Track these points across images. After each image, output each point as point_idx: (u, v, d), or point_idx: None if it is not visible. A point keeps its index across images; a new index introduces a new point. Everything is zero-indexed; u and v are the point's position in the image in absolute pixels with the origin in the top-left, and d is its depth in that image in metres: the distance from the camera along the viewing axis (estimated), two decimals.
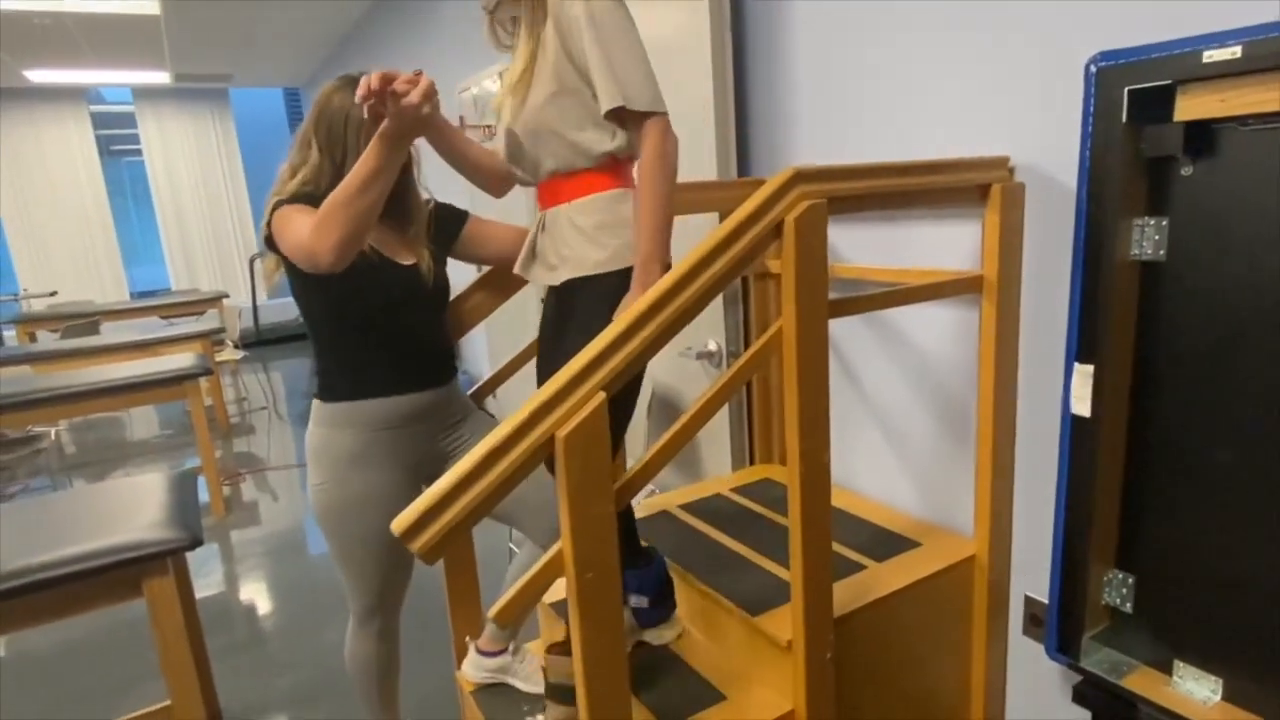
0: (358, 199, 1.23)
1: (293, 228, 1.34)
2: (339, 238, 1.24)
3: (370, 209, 1.24)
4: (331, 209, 1.23)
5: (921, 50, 1.54)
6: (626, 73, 1.22)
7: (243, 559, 3.38)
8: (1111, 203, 1.18)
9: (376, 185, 1.23)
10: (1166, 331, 1.19)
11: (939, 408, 1.66)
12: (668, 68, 2.03)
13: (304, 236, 1.28)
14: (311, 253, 1.27)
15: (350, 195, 1.23)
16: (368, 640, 1.65)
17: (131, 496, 1.93)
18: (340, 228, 1.23)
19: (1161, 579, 1.25)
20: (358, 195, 1.23)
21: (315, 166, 1.45)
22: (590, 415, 1.00)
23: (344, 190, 1.23)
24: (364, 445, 1.52)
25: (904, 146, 1.62)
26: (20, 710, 2.38)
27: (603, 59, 1.22)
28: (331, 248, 1.24)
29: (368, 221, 1.25)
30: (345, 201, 1.23)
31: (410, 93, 1.16)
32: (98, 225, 8.16)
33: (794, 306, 1.12)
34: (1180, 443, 1.20)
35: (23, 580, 1.55)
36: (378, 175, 1.23)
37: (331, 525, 1.55)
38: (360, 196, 1.23)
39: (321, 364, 1.54)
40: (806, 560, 1.21)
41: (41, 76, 6.50)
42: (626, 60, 1.22)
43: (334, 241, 1.24)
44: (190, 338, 4.79)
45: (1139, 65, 1.12)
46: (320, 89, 1.47)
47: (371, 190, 1.23)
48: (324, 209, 1.25)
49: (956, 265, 1.56)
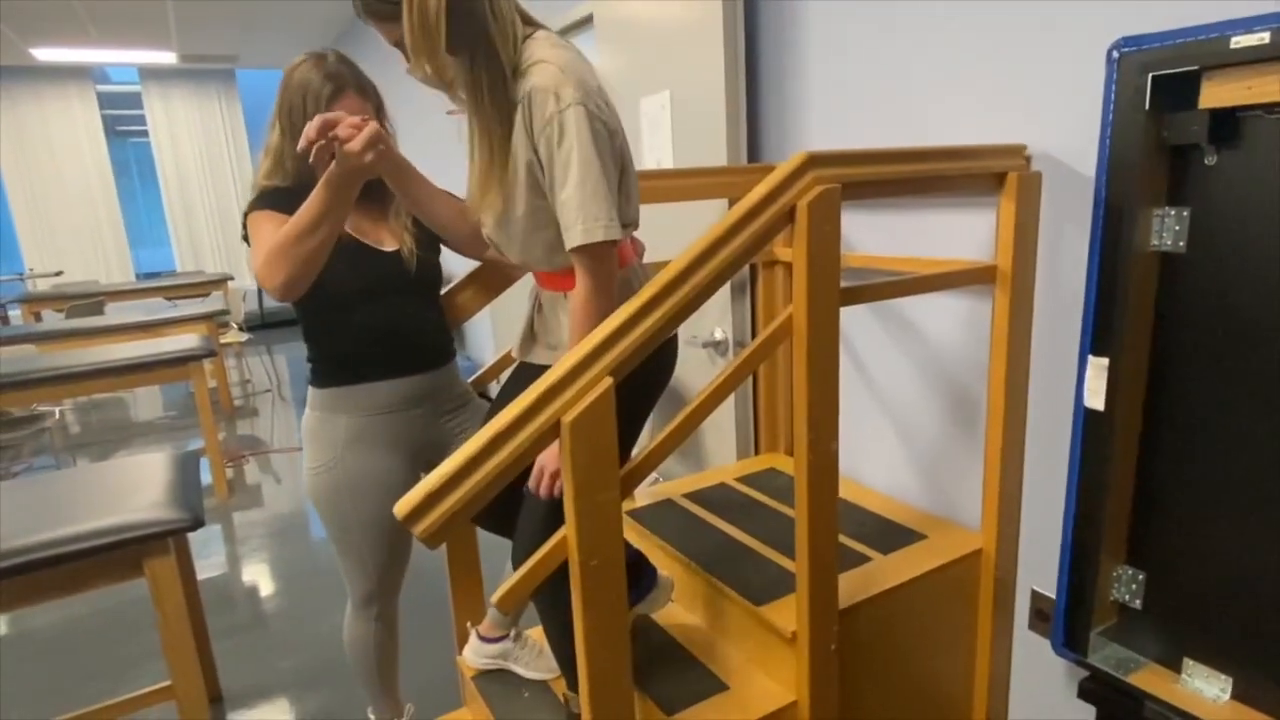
0: (305, 240, 1.26)
1: (256, 244, 1.36)
2: (284, 279, 1.28)
3: (317, 251, 1.27)
4: (280, 248, 1.26)
5: (937, 35, 1.51)
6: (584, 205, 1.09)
7: (245, 540, 3.39)
8: (1131, 192, 1.16)
9: (322, 229, 1.25)
10: (1185, 325, 1.17)
11: (948, 399, 1.64)
12: (679, 51, 2.01)
13: (257, 265, 1.30)
14: (263, 286, 1.31)
15: (297, 236, 1.25)
16: (366, 624, 1.64)
17: (134, 476, 1.92)
18: (286, 269, 1.27)
19: (1172, 576, 1.23)
20: (306, 236, 1.25)
21: (277, 150, 1.44)
22: (596, 400, 0.98)
23: (291, 230, 1.26)
24: (359, 429, 1.51)
25: (918, 133, 1.60)
26: (23, 687, 2.38)
27: (563, 184, 1.10)
28: (277, 287, 1.29)
29: (315, 263, 1.29)
30: (292, 243, 1.26)
31: (353, 139, 1.15)
32: (103, 206, 8.15)
33: (805, 293, 1.11)
34: (1195, 439, 1.18)
35: (25, 558, 1.55)
36: (322, 219, 1.25)
37: (328, 509, 1.54)
38: (307, 238, 1.25)
39: (311, 350, 1.53)
40: (812, 551, 1.20)
41: (48, 55, 6.47)
42: (584, 188, 1.09)
43: (280, 282, 1.28)
44: (195, 319, 4.78)
45: (1163, 51, 1.09)
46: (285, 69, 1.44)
47: (318, 233, 1.26)
48: (271, 246, 1.28)
49: (970, 255, 1.54)
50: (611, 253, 1.14)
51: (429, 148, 4.65)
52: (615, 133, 1.15)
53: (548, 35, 1.17)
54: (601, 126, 1.10)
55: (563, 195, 1.10)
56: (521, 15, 1.17)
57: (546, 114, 1.08)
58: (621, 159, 1.18)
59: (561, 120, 1.07)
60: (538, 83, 1.09)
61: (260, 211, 1.40)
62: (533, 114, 1.10)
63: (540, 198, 1.16)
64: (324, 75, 1.40)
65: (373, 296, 1.47)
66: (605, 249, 1.12)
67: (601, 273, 1.13)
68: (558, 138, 1.08)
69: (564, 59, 1.11)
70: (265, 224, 1.37)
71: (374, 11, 1.12)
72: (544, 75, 1.09)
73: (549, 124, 1.08)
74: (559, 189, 1.10)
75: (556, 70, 1.09)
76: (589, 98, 1.09)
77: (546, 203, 1.15)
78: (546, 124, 1.08)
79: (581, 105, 1.08)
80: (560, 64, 1.10)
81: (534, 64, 1.11)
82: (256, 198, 1.44)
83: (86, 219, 8.09)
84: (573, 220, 1.09)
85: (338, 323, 1.47)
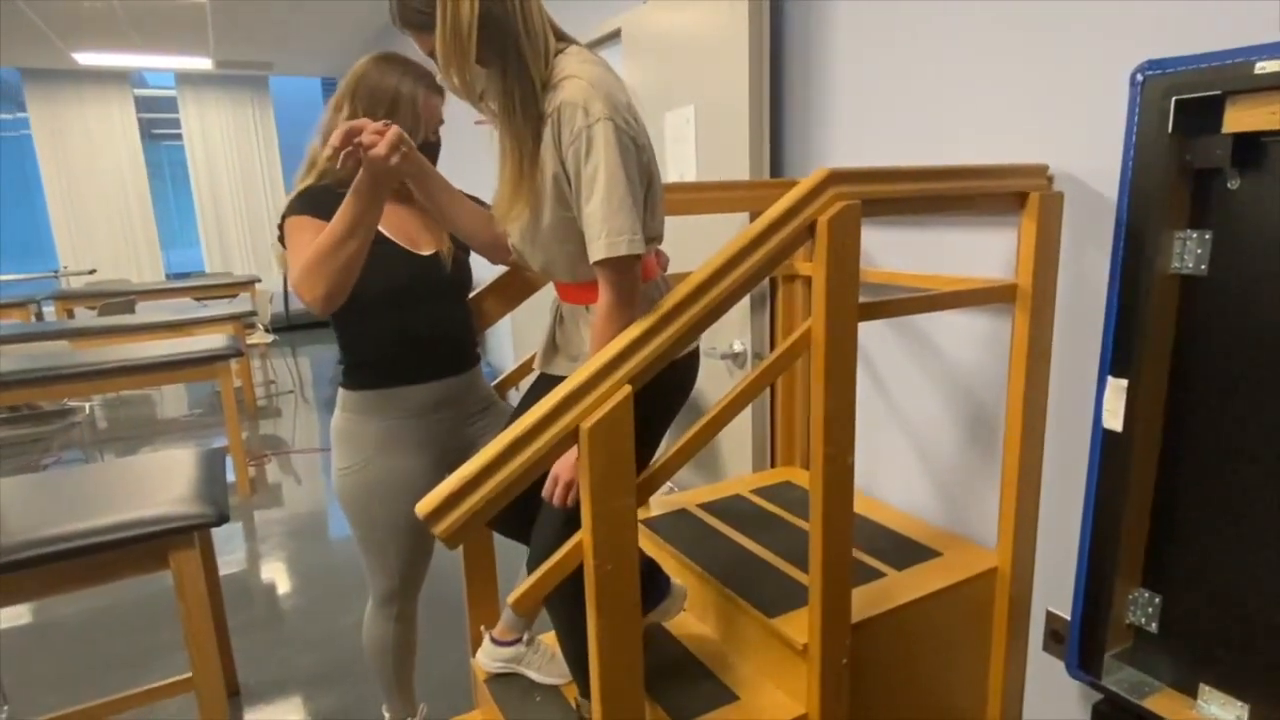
0: (339, 251, 1.29)
1: (293, 252, 1.38)
2: (324, 292, 1.30)
3: (353, 260, 1.30)
4: (316, 262, 1.29)
5: (962, 55, 1.52)
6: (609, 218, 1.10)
7: (265, 539, 3.44)
8: (1153, 214, 1.16)
9: (356, 237, 1.29)
10: (1205, 348, 1.17)
11: (966, 416, 1.64)
12: (705, 66, 2.04)
13: (293, 278, 1.33)
14: (301, 299, 1.33)
15: (332, 248, 1.28)
16: (386, 622, 1.67)
17: (161, 471, 1.97)
18: (325, 282, 1.30)
19: (1190, 600, 1.23)
20: (339, 247, 1.28)
21: None
22: (615, 408, 1.00)
23: (326, 242, 1.28)
24: (390, 432, 1.53)
25: (940, 151, 1.60)
26: (53, 672, 2.43)
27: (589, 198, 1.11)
28: (317, 299, 1.31)
29: (352, 273, 1.32)
30: (328, 255, 1.28)
31: (377, 144, 1.19)
32: (137, 207, 8.32)
33: (824, 308, 1.12)
34: (1214, 462, 1.17)
35: (55, 548, 1.59)
36: (356, 228, 1.28)
37: (356, 510, 1.56)
38: (341, 249, 1.28)
39: (345, 353, 1.55)
40: (825, 564, 1.20)
41: (89, 59, 6.64)
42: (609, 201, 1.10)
43: (319, 294, 1.31)
44: (222, 320, 4.87)
45: (1187, 75, 1.10)
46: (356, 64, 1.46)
47: (351, 242, 1.29)
48: (307, 259, 1.30)
49: (990, 273, 1.54)
50: (635, 266, 1.15)
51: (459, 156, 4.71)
52: (643, 148, 1.17)
53: (579, 50, 1.19)
54: (629, 141, 1.12)
55: (588, 208, 1.12)
56: (554, 30, 1.19)
57: (575, 128, 1.10)
58: (649, 174, 1.19)
59: (590, 134, 1.09)
60: (567, 97, 1.11)
61: (300, 217, 1.41)
62: (561, 128, 1.12)
63: (566, 210, 1.18)
64: (418, 73, 1.45)
65: (409, 300, 1.50)
66: (629, 262, 1.13)
67: (625, 286, 1.14)
68: (585, 151, 1.10)
69: (594, 74, 1.13)
70: (305, 232, 1.38)
71: (410, 21, 1.15)
72: (573, 90, 1.11)
73: (577, 138, 1.10)
74: (585, 202, 1.12)
75: (586, 85, 1.11)
76: (617, 113, 1.11)
77: (572, 215, 1.17)
78: (575, 138, 1.10)
79: (610, 120, 1.10)
80: (590, 79, 1.12)
81: (564, 78, 1.13)
82: (298, 198, 1.44)
83: (120, 219, 8.27)
84: (597, 233, 1.11)
85: (374, 326, 1.49)
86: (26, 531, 1.60)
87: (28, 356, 3.72)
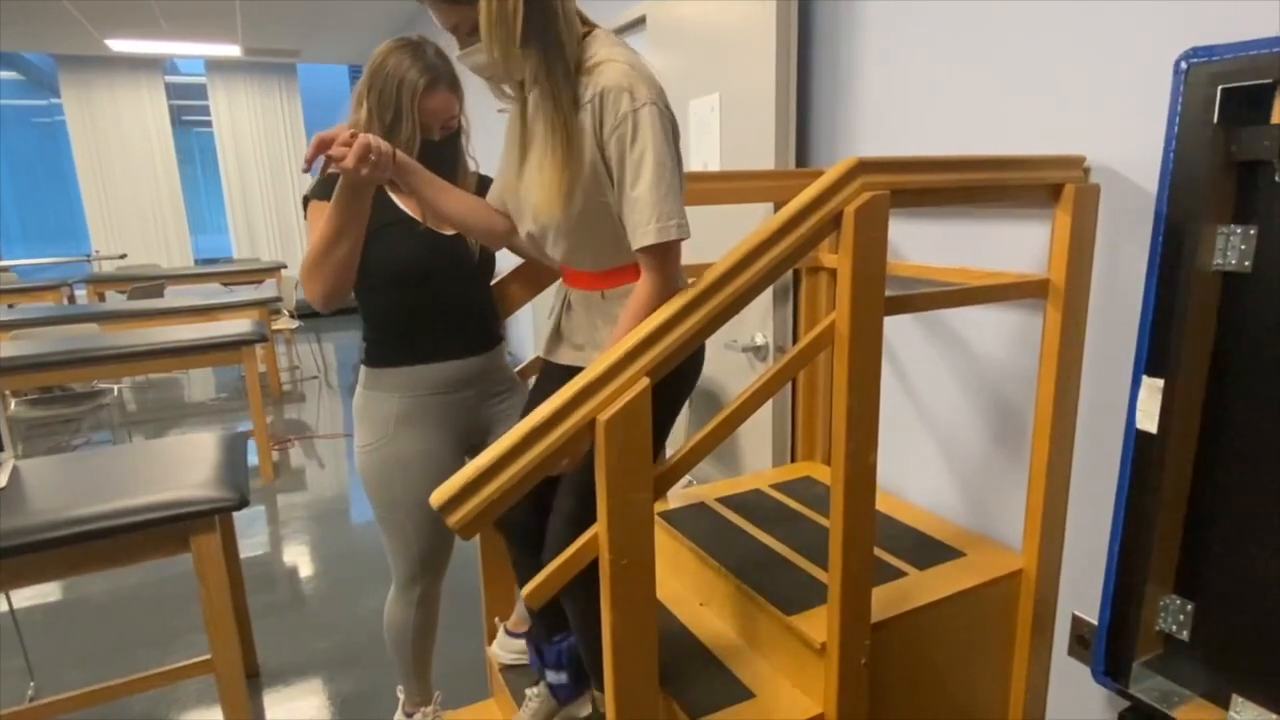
0: (331, 254, 1.36)
1: (309, 241, 1.43)
2: (322, 292, 1.40)
3: (345, 261, 1.38)
4: (312, 264, 1.37)
5: (996, 41, 1.48)
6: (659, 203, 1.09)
7: (287, 522, 3.48)
8: (1195, 208, 1.12)
9: (344, 240, 1.36)
10: (1247, 348, 1.12)
11: (993, 414, 1.61)
12: (731, 54, 2.00)
13: (300, 272, 1.41)
14: (305, 295, 1.43)
15: (324, 251, 1.36)
16: (409, 607, 1.66)
17: (185, 454, 1.99)
18: (321, 282, 1.39)
19: (1223, 607, 1.19)
20: (330, 250, 1.36)
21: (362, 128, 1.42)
22: (632, 400, 0.98)
23: (319, 245, 1.35)
24: (411, 408, 1.54)
25: (972, 141, 1.56)
26: (75, 651, 2.48)
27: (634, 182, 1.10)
28: (317, 298, 1.41)
29: (347, 272, 1.40)
30: (321, 257, 1.36)
31: (345, 155, 1.19)
32: (167, 193, 8.43)
33: (849, 301, 1.09)
34: (1252, 466, 1.13)
35: (77, 529, 1.62)
36: (342, 230, 1.34)
37: (377, 487, 1.56)
38: (332, 252, 1.36)
39: (368, 331, 1.56)
40: (846, 562, 1.18)
41: (121, 46, 6.72)
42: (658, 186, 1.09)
43: (318, 294, 1.40)
44: (249, 305, 4.92)
45: (1235, 63, 1.05)
46: (376, 50, 1.44)
47: (341, 244, 1.36)
48: (304, 260, 1.39)
49: (1021, 267, 1.50)
50: (679, 252, 1.15)
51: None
52: (678, 133, 1.16)
53: (605, 34, 1.17)
54: (671, 126, 1.11)
55: (634, 193, 1.10)
56: (579, 14, 1.18)
57: (620, 112, 1.08)
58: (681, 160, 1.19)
59: (636, 119, 1.07)
60: (609, 82, 1.09)
61: (321, 202, 1.43)
62: (603, 112, 1.10)
63: (602, 195, 1.16)
64: (422, 66, 1.40)
65: (432, 278, 1.50)
66: (675, 248, 1.13)
67: (670, 272, 1.14)
68: (631, 136, 1.08)
69: (630, 57, 1.12)
70: (320, 220, 1.40)
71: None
72: (615, 73, 1.09)
73: (622, 122, 1.08)
74: (629, 187, 1.10)
75: (627, 68, 1.09)
76: (660, 97, 1.09)
77: (606, 201, 1.15)
78: (620, 122, 1.08)
79: (655, 105, 1.08)
80: (629, 62, 1.10)
81: (600, 62, 1.11)
82: (320, 184, 1.46)
83: (151, 205, 8.39)
84: (646, 219, 1.09)
85: (397, 303, 1.50)
86: (50, 513, 1.63)
87: (60, 339, 3.79)
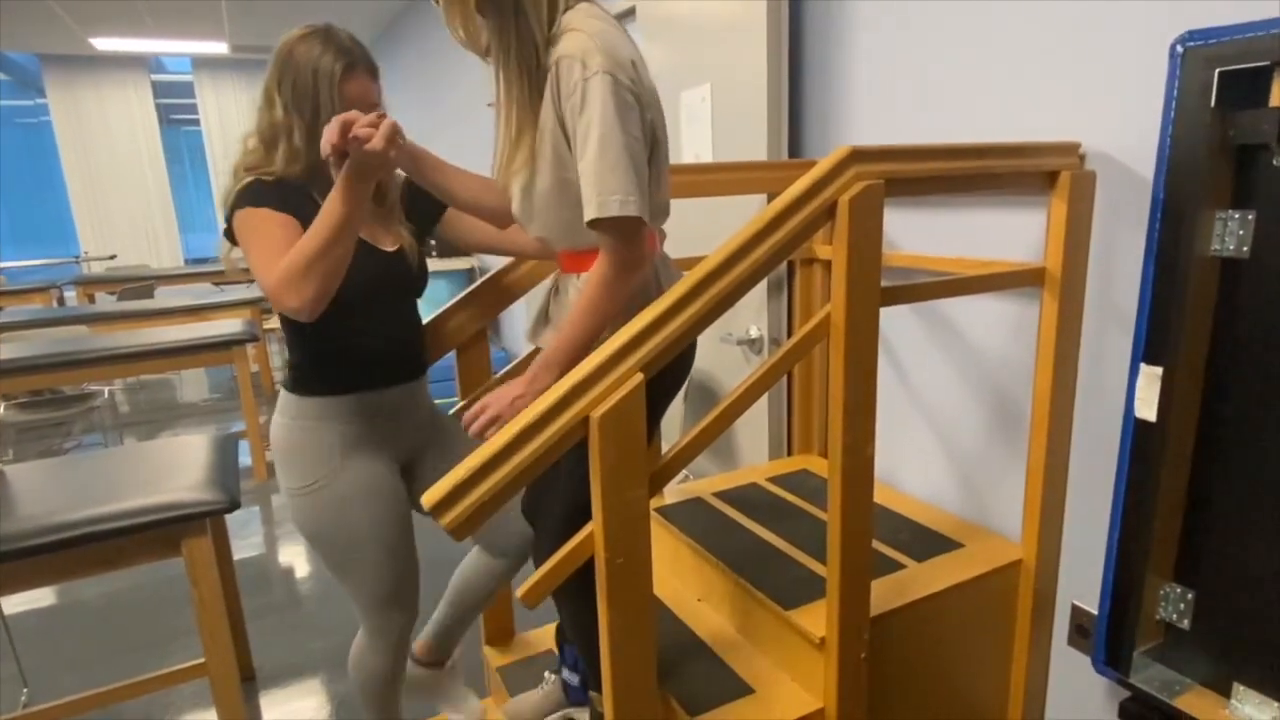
0: (332, 250, 1.16)
1: (257, 250, 1.23)
2: (313, 295, 1.17)
3: (343, 260, 1.19)
4: (303, 263, 1.16)
5: (990, 27, 1.46)
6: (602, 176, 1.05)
7: (281, 523, 3.46)
8: (1192, 193, 1.10)
9: (347, 235, 1.18)
10: (1246, 334, 1.11)
11: (990, 404, 1.60)
12: (722, 43, 1.98)
13: (270, 281, 1.17)
14: (281, 304, 1.18)
15: (324, 248, 1.16)
16: (384, 654, 1.50)
17: (175, 457, 1.97)
18: (315, 285, 1.16)
19: (1223, 596, 1.18)
20: (332, 246, 1.16)
21: (282, 129, 1.30)
22: (626, 396, 0.97)
23: (317, 244, 1.16)
24: (358, 435, 1.39)
25: (967, 128, 1.55)
26: (69, 656, 2.46)
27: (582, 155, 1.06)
28: (305, 303, 1.17)
29: (340, 274, 1.20)
30: (319, 256, 1.16)
31: (373, 138, 1.10)
32: (156, 192, 8.39)
33: (844, 292, 1.08)
34: (1253, 454, 1.12)
35: (71, 533, 1.60)
36: (348, 222, 1.16)
37: (332, 529, 1.38)
38: (334, 248, 1.16)
39: (299, 354, 1.38)
40: (844, 556, 1.17)
41: (107, 44, 6.66)
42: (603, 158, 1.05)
43: (308, 298, 1.16)
44: (240, 304, 4.89)
45: (1232, 45, 1.04)
46: (280, 40, 1.30)
47: (344, 240, 1.17)
48: (293, 261, 1.16)
49: (1017, 256, 1.49)
50: (640, 233, 1.09)
51: (469, 133, 4.68)
52: (647, 106, 1.11)
53: (589, 6, 1.14)
54: (630, 98, 1.06)
55: (581, 165, 1.07)
56: None
57: (572, 81, 1.05)
58: (653, 135, 1.13)
59: (586, 88, 1.04)
60: (564, 51, 1.06)
61: (259, 209, 1.25)
62: (560, 82, 1.07)
63: (565, 170, 1.13)
64: (335, 51, 1.29)
65: (375, 298, 1.38)
66: (631, 226, 1.07)
67: (625, 254, 1.08)
68: (580, 106, 1.05)
69: (597, 28, 1.08)
70: (271, 227, 1.23)
71: None
72: (572, 42, 1.06)
73: (574, 91, 1.05)
74: (580, 159, 1.07)
75: (586, 37, 1.06)
76: (620, 68, 1.05)
77: (571, 176, 1.12)
78: (571, 92, 1.05)
79: (609, 74, 1.04)
80: (591, 32, 1.07)
81: (566, 32, 1.09)
82: (248, 191, 1.27)
83: (140, 205, 8.34)
84: (590, 193, 1.05)
85: (340, 325, 1.33)
86: (41, 518, 1.61)
87: (50, 341, 3.76)
